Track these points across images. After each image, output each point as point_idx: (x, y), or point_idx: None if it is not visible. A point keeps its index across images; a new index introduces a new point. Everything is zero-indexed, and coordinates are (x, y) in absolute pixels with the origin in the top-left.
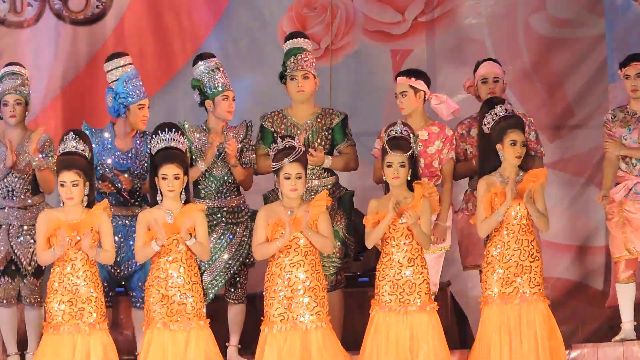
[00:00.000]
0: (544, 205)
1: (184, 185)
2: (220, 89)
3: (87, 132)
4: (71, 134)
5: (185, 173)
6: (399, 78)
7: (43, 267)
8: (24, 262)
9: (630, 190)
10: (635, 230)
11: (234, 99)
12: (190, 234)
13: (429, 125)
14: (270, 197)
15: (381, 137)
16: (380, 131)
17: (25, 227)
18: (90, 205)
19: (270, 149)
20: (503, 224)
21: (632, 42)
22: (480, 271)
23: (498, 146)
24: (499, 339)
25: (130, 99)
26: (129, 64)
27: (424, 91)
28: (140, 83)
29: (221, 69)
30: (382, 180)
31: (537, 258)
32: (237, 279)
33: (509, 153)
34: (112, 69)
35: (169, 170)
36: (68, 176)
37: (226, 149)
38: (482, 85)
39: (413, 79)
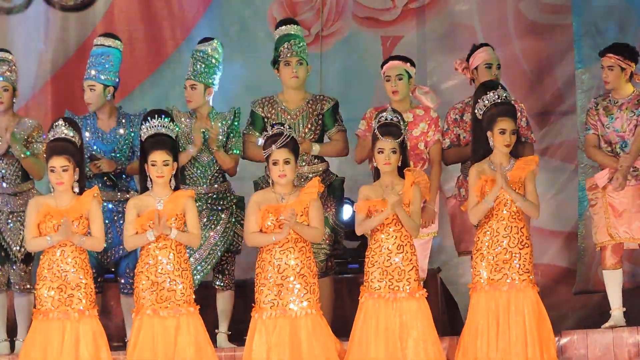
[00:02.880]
0: (535, 192)
1: (174, 171)
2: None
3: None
4: (61, 121)
5: (175, 159)
6: (394, 62)
7: (33, 254)
8: (14, 249)
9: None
10: (618, 216)
11: (193, 88)
12: (172, 228)
13: (413, 108)
14: (261, 183)
15: (365, 118)
16: (365, 113)
17: (15, 214)
18: (81, 192)
19: (260, 134)
20: (493, 210)
21: (603, 28)
22: (472, 257)
23: (488, 133)
24: (487, 325)
25: (84, 77)
26: (102, 44)
27: (413, 78)
28: (97, 63)
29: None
30: (364, 159)
31: (526, 245)
32: (224, 265)
33: (498, 141)
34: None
35: (158, 156)
36: (58, 161)
37: (208, 133)
38: (486, 70)
39: (409, 64)
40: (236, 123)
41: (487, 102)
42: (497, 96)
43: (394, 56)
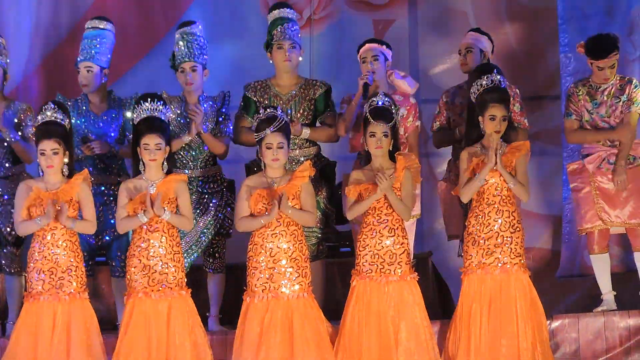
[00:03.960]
0: (526, 176)
1: (166, 155)
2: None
3: (62, 101)
4: (50, 104)
5: (168, 143)
6: (369, 44)
7: (23, 237)
8: (4, 232)
9: (603, 160)
10: (608, 201)
11: (193, 69)
12: (165, 208)
13: (392, 94)
14: (253, 167)
15: (345, 101)
16: (344, 97)
17: (5, 197)
18: (70, 175)
19: (252, 119)
20: (484, 194)
21: (589, 12)
22: (462, 241)
23: (480, 118)
24: (479, 309)
25: (77, 59)
26: (92, 27)
27: (390, 61)
28: (94, 45)
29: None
30: (347, 128)
31: (517, 229)
32: (215, 248)
33: (488, 127)
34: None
35: (151, 140)
36: (48, 144)
37: (191, 117)
38: (466, 54)
39: (384, 47)
40: (226, 106)
41: (480, 86)
42: (490, 81)
43: (369, 39)
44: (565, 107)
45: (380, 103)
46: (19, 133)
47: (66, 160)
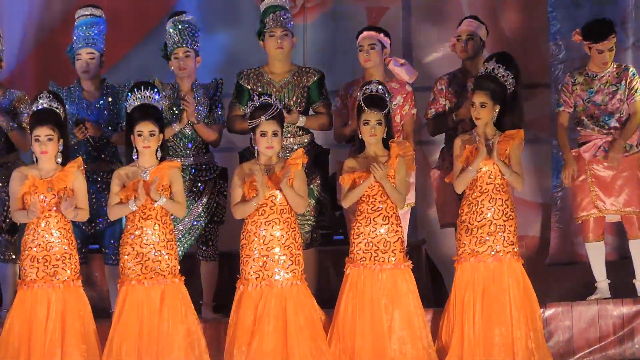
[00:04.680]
0: (519, 164)
1: (160, 142)
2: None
3: (55, 90)
4: (45, 93)
5: (161, 130)
6: (367, 32)
7: (18, 225)
8: None
9: (598, 148)
10: (603, 189)
11: (187, 55)
12: (160, 194)
13: (389, 82)
14: (246, 155)
15: (340, 95)
16: (339, 89)
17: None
18: (64, 163)
19: (245, 107)
20: (477, 182)
21: (579, 1)
22: (456, 229)
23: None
24: (472, 298)
25: (73, 47)
26: (88, 14)
27: (388, 49)
28: (93, 32)
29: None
30: (341, 137)
31: (511, 217)
32: (208, 236)
33: (472, 113)
34: (76, 17)
35: (145, 127)
36: (43, 131)
37: (183, 107)
38: (457, 42)
39: (382, 34)
40: (219, 94)
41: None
42: (485, 69)
43: (367, 27)
44: (557, 97)
45: (374, 91)
46: (14, 121)
47: (60, 148)
